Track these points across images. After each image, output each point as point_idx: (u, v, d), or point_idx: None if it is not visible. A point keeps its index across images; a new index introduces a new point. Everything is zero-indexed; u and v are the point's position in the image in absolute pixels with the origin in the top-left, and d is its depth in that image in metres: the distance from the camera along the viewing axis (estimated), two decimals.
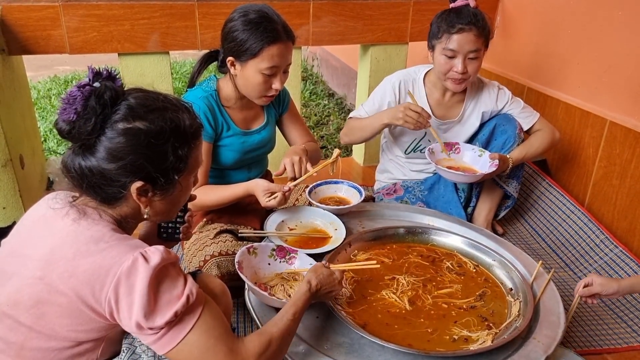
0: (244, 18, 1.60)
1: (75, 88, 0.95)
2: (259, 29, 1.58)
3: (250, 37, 1.58)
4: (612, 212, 2.19)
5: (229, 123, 1.75)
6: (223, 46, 1.68)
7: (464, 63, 1.88)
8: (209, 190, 1.68)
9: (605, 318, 1.82)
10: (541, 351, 1.24)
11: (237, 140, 1.77)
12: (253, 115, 1.83)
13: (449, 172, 1.91)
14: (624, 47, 2.11)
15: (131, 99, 0.99)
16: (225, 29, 1.65)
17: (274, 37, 1.59)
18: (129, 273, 0.91)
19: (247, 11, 1.61)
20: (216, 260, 1.59)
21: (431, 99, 2.09)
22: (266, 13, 1.62)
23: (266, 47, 1.58)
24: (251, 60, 1.60)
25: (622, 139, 2.11)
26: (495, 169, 1.91)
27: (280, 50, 1.61)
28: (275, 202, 1.58)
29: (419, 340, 1.29)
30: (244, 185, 1.66)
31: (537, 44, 2.60)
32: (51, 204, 1.02)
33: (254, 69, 1.62)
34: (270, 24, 1.60)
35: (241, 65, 1.63)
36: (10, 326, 0.96)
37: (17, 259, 0.99)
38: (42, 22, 2.12)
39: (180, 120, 1.02)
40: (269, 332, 1.07)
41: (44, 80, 4.94)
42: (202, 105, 1.67)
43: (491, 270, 1.57)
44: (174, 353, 0.95)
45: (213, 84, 1.75)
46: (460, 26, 1.86)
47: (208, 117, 1.68)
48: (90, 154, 0.97)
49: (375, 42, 2.69)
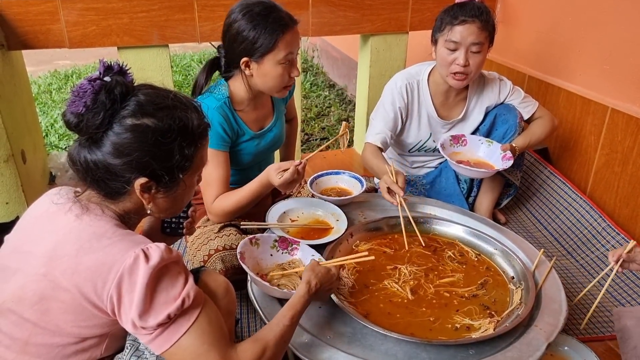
0: (249, 15, 1.56)
1: (86, 81, 0.95)
2: (268, 21, 1.55)
3: (261, 33, 1.55)
4: (613, 200, 2.19)
5: (243, 128, 1.73)
6: (230, 50, 1.63)
7: (465, 55, 1.86)
8: (226, 197, 1.66)
9: (607, 305, 1.83)
10: (543, 338, 1.25)
11: (251, 143, 1.77)
12: (264, 114, 1.81)
13: (465, 169, 1.89)
14: (626, 35, 2.09)
15: (141, 95, 0.99)
16: (230, 32, 1.60)
17: (284, 26, 1.57)
18: (132, 270, 0.91)
19: (248, 7, 1.58)
20: (220, 254, 1.59)
21: (436, 100, 2.07)
22: (268, 3, 1.59)
23: (280, 37, 1.56)
24: (267, 54, 1.58)
25: (624, 126, 2.11)
26: (511, 162, 1.90)
27: (292, 36, 1.60)
28: (288, 175, 1.53)
29: (421, 329, 1.29)
30: (256, 178, 1.64)
31: (538, 32, 2.58)
32: (54, 200, 1.02)
33: (271, 62, 1.59)
34: (276, 13, 1.57)
35: (257, 63, 1.60)
36: (15, 322, 0.96)
37: (20, 255, 1.00)
38: (41, 17, 2.11)
39: (189, 120, 1.02)
40: (263, 339, 1.04)
41: (45, 75, 4.94)
42: (217, 116, 1.63)
43: (493, 259, 1.58)
44: (168, 355, 0.95)
45: (224, 89, 1.69)
46: (463, 18, 1.84)
47: (224, 128, 1.65)
48: (96, 147, 0.97)
49: (375, 32, 2.67)
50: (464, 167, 1.88)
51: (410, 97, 2.05)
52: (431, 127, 2.11)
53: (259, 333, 1.06)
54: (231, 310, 1.15)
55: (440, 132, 2.13)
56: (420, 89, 2.06)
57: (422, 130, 2.12)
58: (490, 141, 2.00)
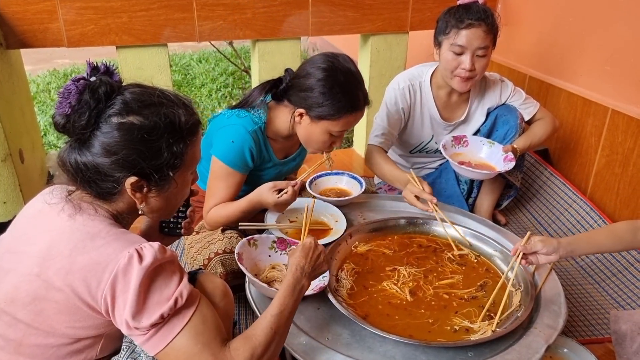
0: (330, 79, 1.52)
1: (71, 82, 0.95)
2: (345, 96, 1.52)
3: (332, 102, 1.52)
4: (614, 201, 2.18)
5: (271, 155, 1.71)
6: (294, 88, 1.59)
7: (471, 60, 1.85)
8: (221, 207, 1.64)
9: (607, 307, 1.82)
10: (542, 341, 1.24)
11: (274, 170, 1.76)
12: (291, 145, 1.79)
13: (467, 170, 1.87)
14: (627, 36, 2.08)
15: (127, 93, 0.98)
16: (303, 78, 1.55)
17: (355, 107, 1.55)
18: (126, 270, 0.90)
19: (334, 71, 1.53)
20: (220, 257, 1.58)
21: (439, 102, 2.06)
22: (354, 77, 1.55)
23: (345, 115, 1.54)
24: (325, 121, 1.56)
25: (625, 127, 2.10)
26: (513, 163, 1.88)
27: (356, 117, 1.59)
28: (288, 196, 1.53)
29: (420, 331, 1.28)
30: (246, 197, 1.60)
31: (539, 33, 2.58)
32: (47, 199, 1.02)
33: (324, 129, 1.57)
34: (355, 91, 1.55)
35: (311, 120, 1.58)
36: (9, 323, 0.95)
37: (14, 255, 0.99)
38: (40, 15, 2.10)
39: (176, 116, 1.01)
40: (251, 335, 1.01)
41: (43, 74, 4.93)
42: (249, 140, 1.60)
43: (492, 261, 1.57)
44: (161, 355, 0.94)
45: (264, 114, 1.64)
46: (469, 21, 1.82)
47: (253, 152, 1.62)
48: (85, 148, 0.97)
49: (375, 32, 2.66)
50: (465, 168, 1.86)
51: (413, 98, 2.04)
52: (433, 129, 2.10)
53: (249, 331, 1.03)
54: (229, 313, 1.14)
55: (442, 134, 2.12)
56: (423, 91, 2.05)
57: (424, 131, 2.11)
58: (492, 142, 1.99)
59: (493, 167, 1.95)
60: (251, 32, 2.41)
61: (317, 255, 1.20)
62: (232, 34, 2.39)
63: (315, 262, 1.19)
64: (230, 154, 1.59)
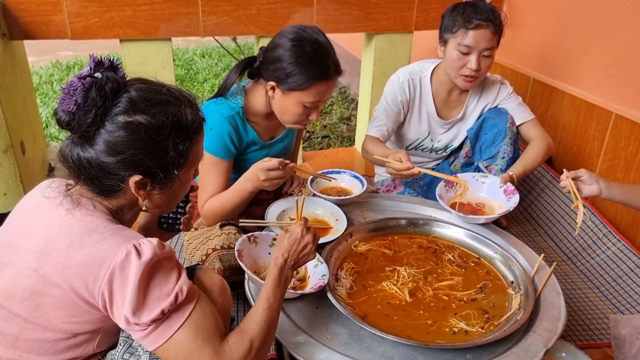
0: (297, 49, 1.50)
1: (76, 79, 0.93)
2: (312, 64, 1.51)
3: (300, 71, 1.51)
4: (615, 206, 2.17)
5: (254, 138, 1.70)
6: (265, 64, 1.58)
7: (478, 60, 1.84)
8: (215, 198, 1.64)
9: (606, 312, 1.82)
10: (541, 344, 1.24)
11: (260, 153, 1.74)
12: (277, 124, 1.76)
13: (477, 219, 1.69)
14: (632, 39, 2.08)
15: (133, 91, 0.97)
16: (272, 51, 1.55)
17: (324, 75, 1.53)
18: (123, 266, 0.90)
19: (301, 40, 1.51)
20: (218, 253, 1.57)
21: (437, 99, 2.05)
22: (321, 47, 1.53)
23: (315, 83, 1.53)
24: (295, 91, 1.54)
25: (628, 132, 2.09)
26: (518, 196, 1.74)
27: (328, 86, 1.57)
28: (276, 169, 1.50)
29: (419, 332, 1.28)
30: (240, 179, 1.59)
31: (543, 35, 2.57)
32: (45, 193, 1.01)
33: (296, 100, 1.56)
34: (324, 60, 1.53)
35: (282, 92, 1.57)
36: (5, 317, 0.95)
37: (11, 249, 0.98)
38: (44, 7, 2.10)
39: (183, 115, 1.00)
40: (247, 329, 1.02)
41: (46, 66, 4.93)
42: (227, 126, 1.60)
43: (492, 263, 1.57)
44: (160, 351, 0.94)
45: (241, 98, 1.65)
46: (477, 22, 1.80)
47: (232, 138, 1.62)
48: (89, 145, 0.96)
49: (379, 31, 2.66)
50: (473, 217, 1.70)
51: (412, 92, 2.04)
52: (430, 126, 2.11)
53: (243, 325, 1.04)
54: (227, 309, 1.14)
55: (439, 132, 2.12)
56: (423, 86, 2.04)
57: (421, 127, 2.11)
58: (485, 175, 1.86)
59: (495, 206, 1.79)
60: (255, 29, 2.41)
61: (302, 246, 1.19)
62: (236, 30, 2.39)
63: (300, 253, 1.19)
64: (212, 142, 1.60)
